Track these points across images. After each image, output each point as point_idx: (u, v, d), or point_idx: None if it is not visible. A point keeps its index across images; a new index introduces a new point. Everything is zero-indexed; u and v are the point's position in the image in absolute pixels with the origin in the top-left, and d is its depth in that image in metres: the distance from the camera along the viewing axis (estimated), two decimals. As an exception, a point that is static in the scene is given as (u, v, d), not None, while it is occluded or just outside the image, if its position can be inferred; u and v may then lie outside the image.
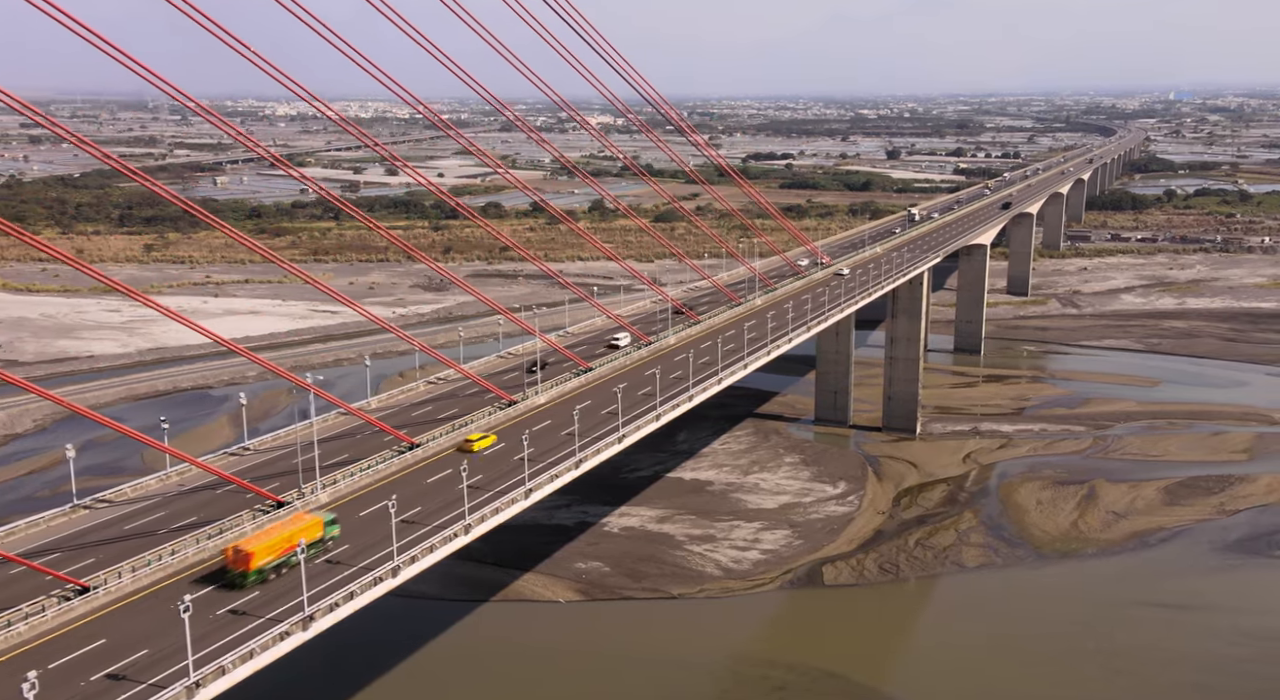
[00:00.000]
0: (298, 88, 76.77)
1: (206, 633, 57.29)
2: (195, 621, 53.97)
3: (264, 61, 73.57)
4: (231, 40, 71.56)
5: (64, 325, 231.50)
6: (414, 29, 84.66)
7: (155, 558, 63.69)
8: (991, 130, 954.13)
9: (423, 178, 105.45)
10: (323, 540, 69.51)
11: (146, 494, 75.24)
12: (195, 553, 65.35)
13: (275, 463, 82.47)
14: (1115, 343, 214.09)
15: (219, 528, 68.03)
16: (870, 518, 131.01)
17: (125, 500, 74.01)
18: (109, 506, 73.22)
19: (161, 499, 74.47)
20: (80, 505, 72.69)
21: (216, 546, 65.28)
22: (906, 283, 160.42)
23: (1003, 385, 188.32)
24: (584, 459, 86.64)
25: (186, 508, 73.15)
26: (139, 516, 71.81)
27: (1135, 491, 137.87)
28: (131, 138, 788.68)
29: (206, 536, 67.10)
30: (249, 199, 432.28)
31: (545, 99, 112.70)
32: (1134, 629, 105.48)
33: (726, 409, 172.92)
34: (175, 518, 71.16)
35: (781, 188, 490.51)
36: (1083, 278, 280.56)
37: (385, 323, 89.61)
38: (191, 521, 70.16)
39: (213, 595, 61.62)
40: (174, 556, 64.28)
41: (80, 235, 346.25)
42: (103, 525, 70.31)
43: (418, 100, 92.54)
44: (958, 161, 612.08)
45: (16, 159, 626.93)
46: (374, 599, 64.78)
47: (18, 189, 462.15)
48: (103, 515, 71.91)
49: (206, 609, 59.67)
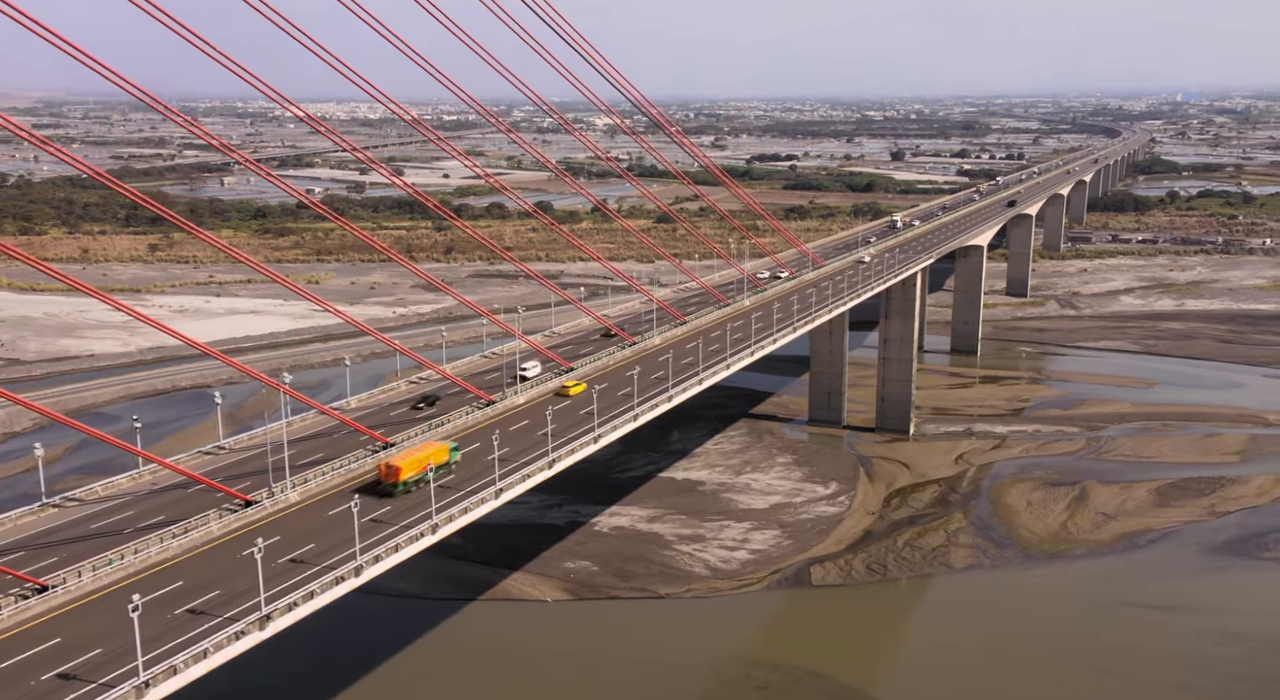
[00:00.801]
0: (268, 89, 77.09)
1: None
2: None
3: (232, 62, 73.73)
4: (198, 41, 71.78)
5: (66, 324, 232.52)
6: (390, 32, 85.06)
7: (118, 556, 63.68)
8: (997, 132, 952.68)
9: (396, 178, 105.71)
10: (448, 464, 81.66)
11: (118, 493, 75.30)
12: (158, 552, 65.40)
13: (249, 462, 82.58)
14: (1112, 344, 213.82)
15: (184, 526, 68.15)
16: (860, 518, 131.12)
17: (95, 499, 74.05)
18: (78, 505, 73.28)
19: (132, 498, 74.47)
20: (49, 504, 72.78)
21: (180, 545, 66.15)
22: (900, 284, 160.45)
23: (998, 386, 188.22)
24: (557, 459, 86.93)
25: (155, 507, 73.05)
26: (107, 516, 71.81)
27: (1126, 493, 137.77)
28: (141, 138, 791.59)
29: (171, 535, 67.20)
30: (255, 199, 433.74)
31: (554, 100, 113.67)
32: (1121, 630, 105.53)
33: (721, 409, 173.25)
34: (142, 517, 71.13)
35: (785, 189, 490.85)
36: (1082, 279, 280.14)
37: (360, 323, 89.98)
38: (159, 520, 70.11)
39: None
40: (136, 555, 64.25)
41: (86, 235, 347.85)
42: (70, 524, 70.36)
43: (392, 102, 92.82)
44: (961, 163, 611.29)
45: (27, 159, 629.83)
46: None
47: (27, 189, 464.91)
48: (72, 514, 71.96)
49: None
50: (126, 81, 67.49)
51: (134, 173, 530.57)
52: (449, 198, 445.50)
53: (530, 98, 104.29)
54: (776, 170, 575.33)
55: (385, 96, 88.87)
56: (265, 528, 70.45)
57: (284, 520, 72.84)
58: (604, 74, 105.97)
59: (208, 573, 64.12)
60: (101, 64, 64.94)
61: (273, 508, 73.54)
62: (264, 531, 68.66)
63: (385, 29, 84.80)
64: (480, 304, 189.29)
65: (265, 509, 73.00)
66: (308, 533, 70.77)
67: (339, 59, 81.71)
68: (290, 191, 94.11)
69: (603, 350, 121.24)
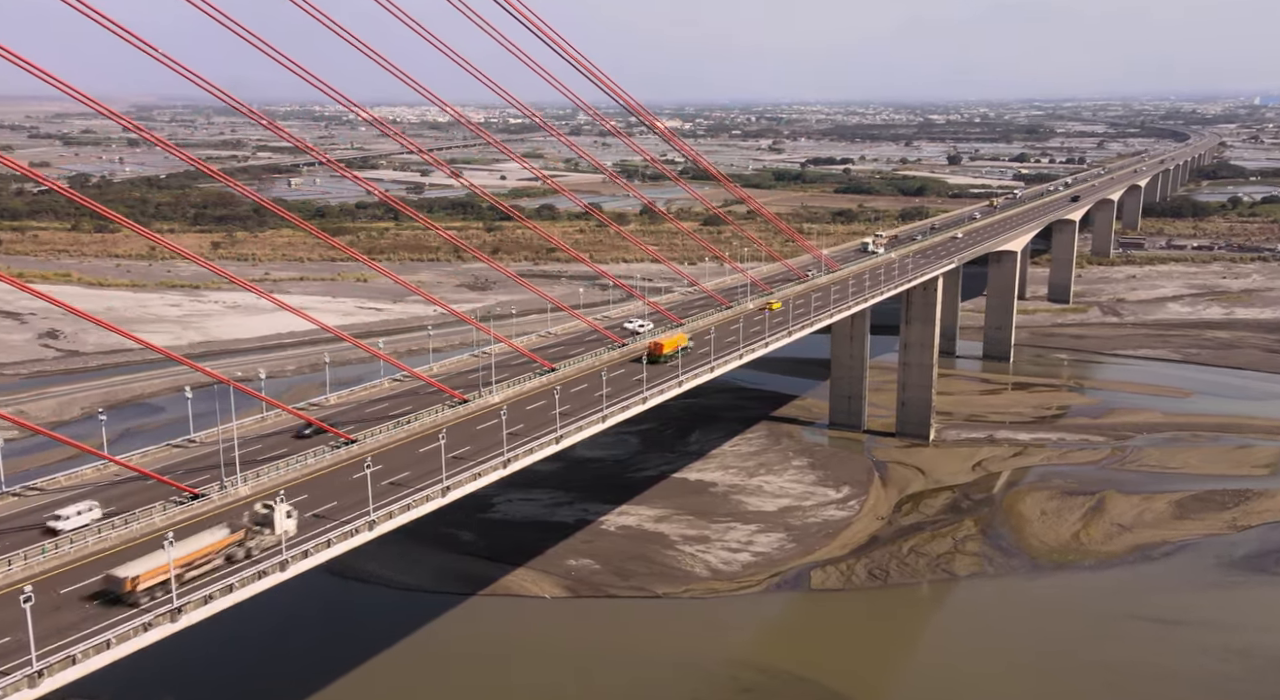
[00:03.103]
0: (336, 94, 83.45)
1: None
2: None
3: (304, 70, 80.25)
4: (273, 51, 76.61)
5: (126, 318, 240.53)
6: (438, 39, 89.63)
7: (53, 547, 64.50)
8: (1062, 135, 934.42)
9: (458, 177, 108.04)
10: (686, 348, 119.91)
11: (80, 483, 76.21)
12: (95, 542, 66.03)
13: (214, 456, 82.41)
14: (1152, 352, 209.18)
15: (124, 519, 69.17)
16: (868, 523, 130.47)
17: (57, 488, 75.39)
18: (39, 495, 74.45)
19: (93, 488, 75.44)
20: (9, 493, 73.96)
21: (119, 535, 67.66)
22: (920, 288, 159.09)
23: (1027, 393, 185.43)
24: (511, 459, 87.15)
25: (109, 498, 73.97)
26: (61, 505, 71.97)
27: (1146, 504, 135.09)
28: (220, 141, 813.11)
29: (111, 527, 67.92)
30: (317, 200, 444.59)
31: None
32: (1123, 643, 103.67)
33: (742, 411, 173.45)
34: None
35: (837, 192, 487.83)
36: (1130, 286, 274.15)
37: (334, 329, 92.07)
38: (109, 511, 70.75)
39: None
40: (72, 546, 65.13)
41: (156, 233, 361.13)
42: (25, 513, 71.29)
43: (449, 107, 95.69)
44: (1019, 167, 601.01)
45: (113, 161, 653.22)
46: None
47: (106, 189, 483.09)
48: (31, 503, 73.11)
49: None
50: (209, 83, 72.98)
51: (200, 174, 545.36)
52: (503, 198, 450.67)
53: (579, 105, 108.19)
54: (830, 174, 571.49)
55: (440, 100, 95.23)
56: (208, 523, 70.70)
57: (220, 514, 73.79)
58: (590, 78, 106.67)
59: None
60: (186, 69, 72.34)
61: (220, 501, 74.47)
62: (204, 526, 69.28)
63: (435, 39, 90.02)
64: (520, 304, 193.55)
65: (213, 501, 74.10)
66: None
67: (397, 67, 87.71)
68: (365, 186, 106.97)
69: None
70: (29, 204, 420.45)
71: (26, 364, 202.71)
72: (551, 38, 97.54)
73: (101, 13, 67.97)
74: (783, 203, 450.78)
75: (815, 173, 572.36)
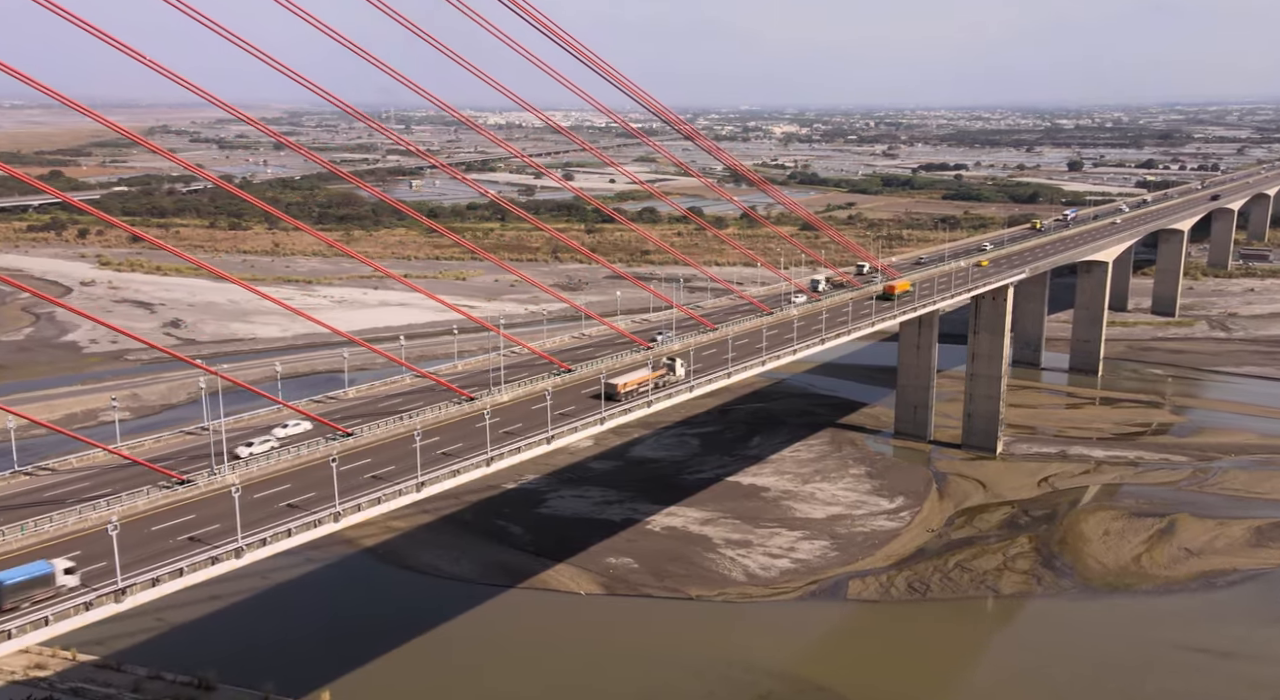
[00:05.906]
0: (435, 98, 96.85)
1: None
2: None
3: (413, 83, 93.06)
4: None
5: (242, 310, 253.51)
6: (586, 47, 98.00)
7: (32, 524, 66.50)
8: (1199, 140, 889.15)
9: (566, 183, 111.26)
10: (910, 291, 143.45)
11: (90, 466, 78.62)
12: (75, 522, 67.81)
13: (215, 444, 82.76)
14: (1257, 370, 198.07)
15: (116, 498, 71.13)
16: (916, 535, 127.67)
17: (68, 469, 78.14)
18: (50, 474, 77.25)
19: (100, 471, 77.85)
20: (21, 471, 76.97)
21: (100, 516, 68.70)
22: (989, 297, 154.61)
23: (1112, 408, 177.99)
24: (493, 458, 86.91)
25: (109, 480, 76.30)
26: (64, 486, 75.21)
27: (1220, 529, 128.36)
28: (355, 145, 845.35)
29: (90, 508, 69.52)
30: (432, 201, 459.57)
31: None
32: (1166, 673, 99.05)
33: (809, 416, 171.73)
34: (92, 490, 74.09)
35: (944, 198, 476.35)
36: (1246, 299, 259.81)
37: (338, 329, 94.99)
38: (103, 493, 72.54)
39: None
40: (51, 524, 66.80)
41: (281, 231, 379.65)
42: (31, 491, 74.02)
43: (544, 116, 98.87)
44: (1145, 174, 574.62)
45: (257, 163, 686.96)
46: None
47: (245, 189, 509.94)
48: (42, 481, 75.93)
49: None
50: (328, 94, 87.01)
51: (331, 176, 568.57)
52: (608, 201, 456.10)
53: (664, 116, 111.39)
54: (941, 179, 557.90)
55: (535, 108, 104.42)
56: (198, 508, 72.21)
57: (214, 503, 75.79)
58: (611, 84, 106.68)
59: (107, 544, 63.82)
60: (314, 85, 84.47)
61: (206, 488, 75.28)
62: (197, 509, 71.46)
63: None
64: (609, 303, 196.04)
65: (198, 488, 75.19)
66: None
67: (496, 81, 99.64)
68: (476, 188, 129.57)
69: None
70: (176, 203, 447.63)
71: (148, 350, 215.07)
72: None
73: (248, 41, 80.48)
74: (886, 208, 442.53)
75: (925, 179, 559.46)
